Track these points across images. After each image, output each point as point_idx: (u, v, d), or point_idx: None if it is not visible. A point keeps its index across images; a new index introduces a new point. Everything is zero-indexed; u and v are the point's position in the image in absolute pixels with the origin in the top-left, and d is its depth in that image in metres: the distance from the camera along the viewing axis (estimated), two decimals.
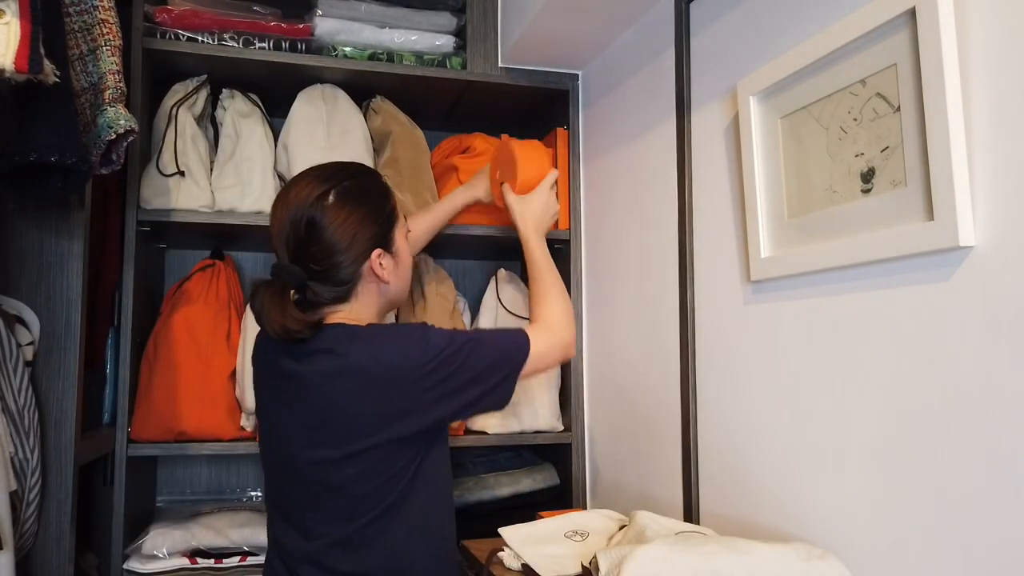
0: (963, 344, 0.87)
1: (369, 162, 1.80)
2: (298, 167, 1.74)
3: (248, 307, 1.73)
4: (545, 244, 1.49)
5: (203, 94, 1.76)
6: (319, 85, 1.81)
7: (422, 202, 1.80)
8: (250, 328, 1.70)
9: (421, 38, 1.80)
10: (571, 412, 1.85)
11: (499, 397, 1.20)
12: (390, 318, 1.84)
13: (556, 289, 1.40)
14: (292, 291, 1.14)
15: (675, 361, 1.45)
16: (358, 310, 1.20)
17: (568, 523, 1.36)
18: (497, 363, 1.19)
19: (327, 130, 1.77)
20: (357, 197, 1.18)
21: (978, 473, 0.85)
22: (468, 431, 1.81)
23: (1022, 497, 0.80)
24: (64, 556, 1.23)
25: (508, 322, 1.87)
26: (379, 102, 1.87)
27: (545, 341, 1.26)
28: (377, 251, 1.18)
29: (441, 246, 1.98)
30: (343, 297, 1.18)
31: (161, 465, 1.98)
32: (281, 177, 1.76)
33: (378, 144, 1.87)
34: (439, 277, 1.89)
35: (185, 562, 1.58)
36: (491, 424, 1.80)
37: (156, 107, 1.71)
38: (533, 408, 1.81)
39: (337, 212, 1.14)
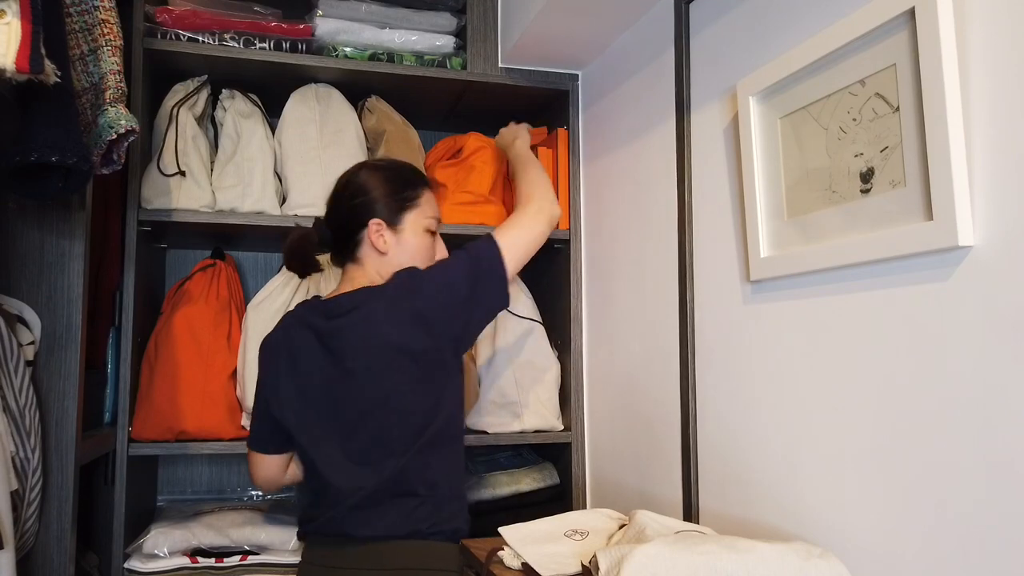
0: (962, 343, 0.88)
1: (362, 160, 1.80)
2: (290, 166, 1.75)
3: (248, 307, 1.74)
4: (525, 149, 1.66)
5: (204, 94, 1.76)
6: (312, 85, 1.81)
7: None
8: (251, 328, 1.70)
9: (421, 38, 1.80)
10: (571, 411, 1.85)
11: (494, 301, 1.34)
12: None
13: (535, 169, 1.55)
14: (317, 239, 1.37)
15: (675, 361, 1.45)
16: (371, 275, 1.36)
17: (568, 522, 1.36)
18: (475, 274, 1.32)
19: (320, 129, 1.77)
20: (384, 173, 1.39)
21: (977, 472, 0.85)
22: (469, 430, 1.81)
23: (1020, 496, 0.81)
24: (65, 555, 1.23)
25: (508, 322, 1.87)
26: (374, 101, 1.87)
27: (518, 227, 1.38)
28: (376, 221, 1.34)
29: None
30: (350, 254, 1.37)
31: (162, 464, 1.98)
32: (279, 177, 1.76)
33: (372, 143, 1.87)
34: None
35: (186, 561, 1.58)
36: (491, 423, 1.81)
37: (157, 107, 1.72)
38: (533, 407, 1.82)
39: (362, 177, 1.38)
